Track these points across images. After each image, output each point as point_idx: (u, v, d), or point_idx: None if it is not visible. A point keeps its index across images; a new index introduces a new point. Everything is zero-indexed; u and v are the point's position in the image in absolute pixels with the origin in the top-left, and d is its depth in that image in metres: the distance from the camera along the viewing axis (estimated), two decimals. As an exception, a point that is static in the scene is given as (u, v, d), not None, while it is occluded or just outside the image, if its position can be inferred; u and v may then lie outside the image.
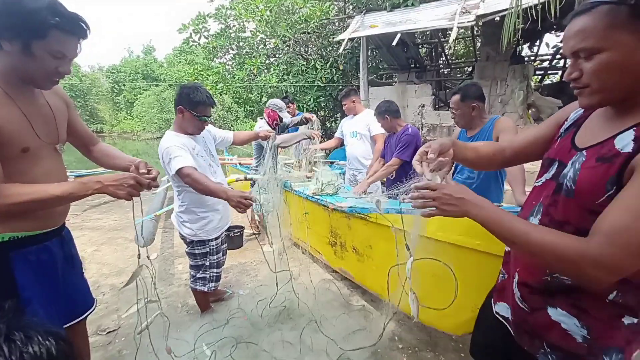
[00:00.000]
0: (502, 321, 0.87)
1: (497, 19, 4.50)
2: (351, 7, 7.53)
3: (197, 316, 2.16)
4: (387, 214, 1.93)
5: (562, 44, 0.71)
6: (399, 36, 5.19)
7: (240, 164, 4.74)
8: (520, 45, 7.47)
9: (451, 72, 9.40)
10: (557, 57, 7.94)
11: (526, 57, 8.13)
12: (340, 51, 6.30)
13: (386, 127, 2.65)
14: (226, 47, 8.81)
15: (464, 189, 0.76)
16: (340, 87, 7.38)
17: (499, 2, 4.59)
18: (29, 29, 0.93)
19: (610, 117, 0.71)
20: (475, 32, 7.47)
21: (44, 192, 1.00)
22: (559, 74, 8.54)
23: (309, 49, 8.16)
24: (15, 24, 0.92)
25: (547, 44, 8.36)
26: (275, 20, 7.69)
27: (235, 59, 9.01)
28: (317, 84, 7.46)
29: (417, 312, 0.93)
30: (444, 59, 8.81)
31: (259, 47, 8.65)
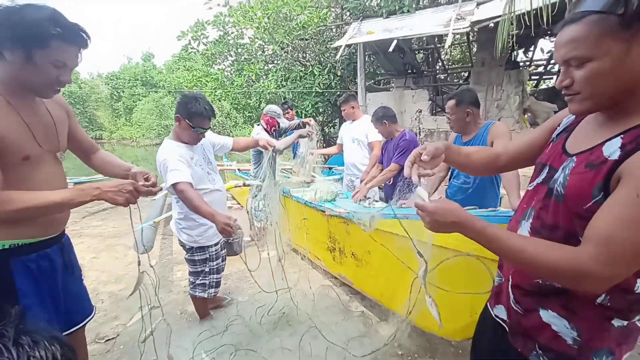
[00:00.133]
0: (502, 324, 0.88)
1: (492, 25, 4.56)
2: (348, 14, 7.61)
3: (196, 323, 2.15)
4: (386, 219, 1.95)
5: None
6: (395, 42, 5.25)
7: (239, 170, 4.75)
8: (515, 50, 7.57)
9: (448, 77, 9.49)
10: (552, 62, 8.05)
11: (521, 63, 8.24)
12: (337, 57, 6.36)
13: (384, 132, 2.67)
14: (225, 54, 8.87)
15: (455, 210, 0.75)
16: (338, 92, 7.43)
17: (492, 8, 4.68)
18: (31, 39, 0.95)
19: (600, 124, 0.73)
20: (470, 38, 7.56)
21: (44, 199, 1.01)
22: (554, 78, 8.64)
23: (307, 55, 8.23)
24: (17, 34, 0.94)
25: (542, 49, 8.51)
26: (273, 27, 7.76)
27: (233, 65, 9.06)
28: (315, 89, 7.51)
29: (439, 315, 0.95)
30: (440, 64, 8.90)
31: (257, 54, 8.71)
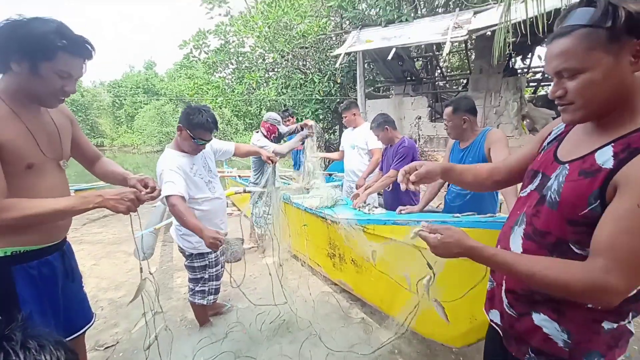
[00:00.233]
0: (496, 328, 0.88)
1: (489, 33, 4.63)
2: (347, 23, 7.73)
3: (196, 330, 2.14)
4: (384, 226, 1.95)
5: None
6: (394, 50, 5.32)
7: (239, 176, 4.77)
8: (513, 58, 7.65)
9: (447, 84, 9.58)
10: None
11: (519, 70, 8.31)
12: (337, 65, 6.44)
13: (384, 138, 2.69)
14: (226, 62, 8.99)
15: (460, 241, 0.76)
16: (338, 99, 7.50)
17: (489, 17, 4.75)
18: (38, 51, 0.98)
19: (589, 132, 0.75)
20: (468, 46, 7.65)
21: (46, 206, 1.03)
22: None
23: (307, 63, 8.33)
24: (25, 47, 0.96)
25: (540, 57, 8.56)
26: (273, 35, 7.88)
27: (234, 73, 9.18)
28: (315, 97, 7.58)
29: (446, 316, 0.96)
30: (439, 71, 8.99)
31: (258, 62, 8.82)
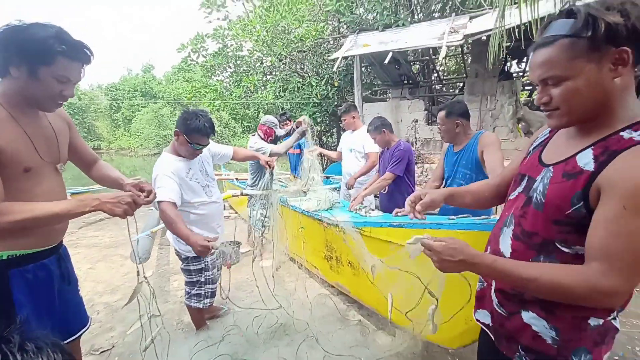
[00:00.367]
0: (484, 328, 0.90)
1: (484, 38, 4.68)
2: (345, 27, 7.79)
3: (193, 333, 2.14)
4: (381, 228, 1.97)
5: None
6: (391, 54, 5.37)
7: (236, 179, 4.78)
8: (509, 62, 7.74)
9: (443, 87, 9.65)
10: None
11: (515, 73, 8.40)
12: (335, 68, 6.48)
13: (381, 141, 2.71)
14: (224, 66, 9.02)
15: (463, 248, 0.77)
16: (335, 103, 7.54)
17: (485, 22, 4.81)
18: (37, 55, 0.98)
19: (572, 137, 0.78)
20: (464, 50, 7.73)
21: (44, 210, 1.03)
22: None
23: (305, 66, 8.37)
24: (24, 52, 0.97)
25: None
26: (271, 39, 7.93)
27: (232, 76, 9.21)
28: (313, 100, 7.61)
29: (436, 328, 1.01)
30: (436, 75, 9.07)
31: (255, 65, 8.86)
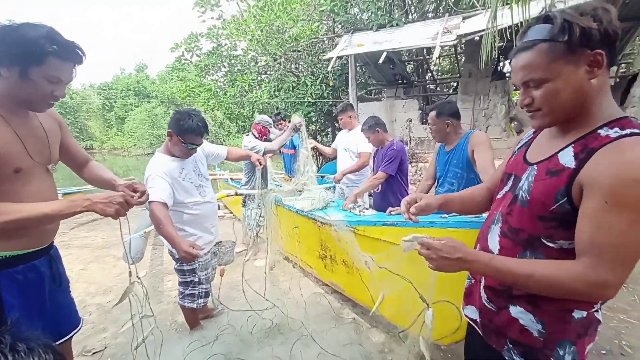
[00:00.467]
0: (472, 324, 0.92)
1: (477, 38, 4.74)
2: (340, 27, 7.81)
3: (186, 333, 2.13)
4: (374, 227, 1.99)
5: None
6: (385, 54, 5.40)
7: (231, 179, 4.77)
8: (501, 62, 7.82)
9: (437, 87, 9.73)
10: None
11: (507, 73, 8.49)
12: (329, 68, 6.50)
13: (375, 141, 2.73)
14: (218, 65, 8.99)
15: (461, 247, 0.79)
16: (330, 102, 7.56)
17: (477, 22, 4.86)
18: (28, 56, 0.97)
19: (553, 136, 0.81)
20: (458, 50, 7.80)
21: (34, 210, 1.02)
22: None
23: (300, 66, 8.38)
24: (15, 52, 0.96)
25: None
26: (266, 39, 7.91)
27: (227, 76, 9.17)
28: (308, 99, 7.62)
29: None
30: (430, 75, 9.13)
31: (250, 65, 8.84)
